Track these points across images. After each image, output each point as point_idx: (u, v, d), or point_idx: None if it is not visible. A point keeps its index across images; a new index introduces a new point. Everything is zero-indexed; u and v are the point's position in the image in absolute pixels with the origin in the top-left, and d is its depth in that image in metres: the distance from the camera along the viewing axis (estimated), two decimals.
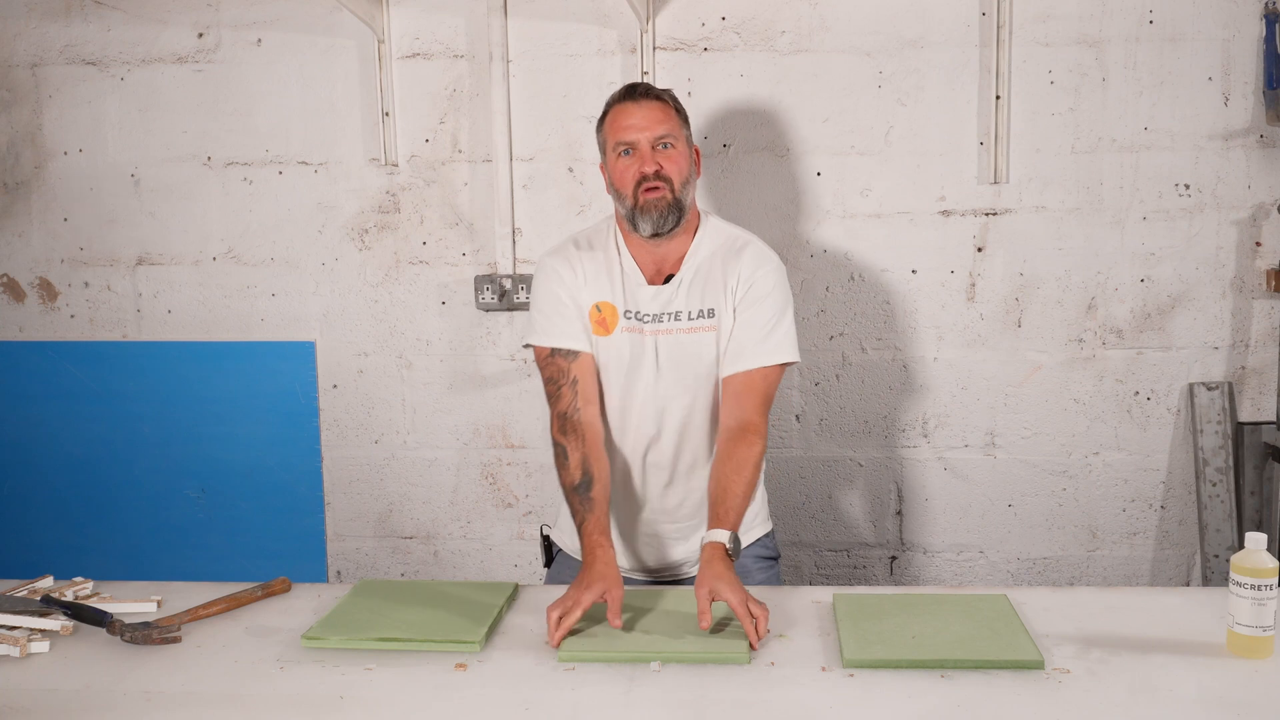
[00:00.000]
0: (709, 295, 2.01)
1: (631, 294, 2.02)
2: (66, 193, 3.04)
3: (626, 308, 2.02)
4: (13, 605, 1.78)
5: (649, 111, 1.98)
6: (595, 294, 2.03)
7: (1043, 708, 1.47)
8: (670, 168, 1.96)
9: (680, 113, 2.04)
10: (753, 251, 2.04)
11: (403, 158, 2.95)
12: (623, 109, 2.00)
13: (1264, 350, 2.84)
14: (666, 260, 2.04)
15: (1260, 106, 2.75)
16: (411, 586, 1.96)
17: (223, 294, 3.03)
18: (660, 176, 1.95)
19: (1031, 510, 2.94)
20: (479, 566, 3.07)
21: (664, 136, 1.98)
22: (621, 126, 1.99)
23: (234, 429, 3.04)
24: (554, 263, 2.07)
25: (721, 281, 2.01)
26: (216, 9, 2.94)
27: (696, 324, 2.00)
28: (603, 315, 2.02)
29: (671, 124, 1.99)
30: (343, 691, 1.55)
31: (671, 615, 1.77)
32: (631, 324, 2.01)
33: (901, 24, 2.80)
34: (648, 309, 2.01)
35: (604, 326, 2.02)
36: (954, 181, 2.84)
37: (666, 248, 2.03)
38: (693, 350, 2.00)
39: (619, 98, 2.02)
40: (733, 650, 1.63)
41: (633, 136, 1.97)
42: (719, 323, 2.00)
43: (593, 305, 2.03)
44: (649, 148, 1.97)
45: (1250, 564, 1.58)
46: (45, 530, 3.11)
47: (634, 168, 1.96)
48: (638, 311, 2.01)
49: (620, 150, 1.99)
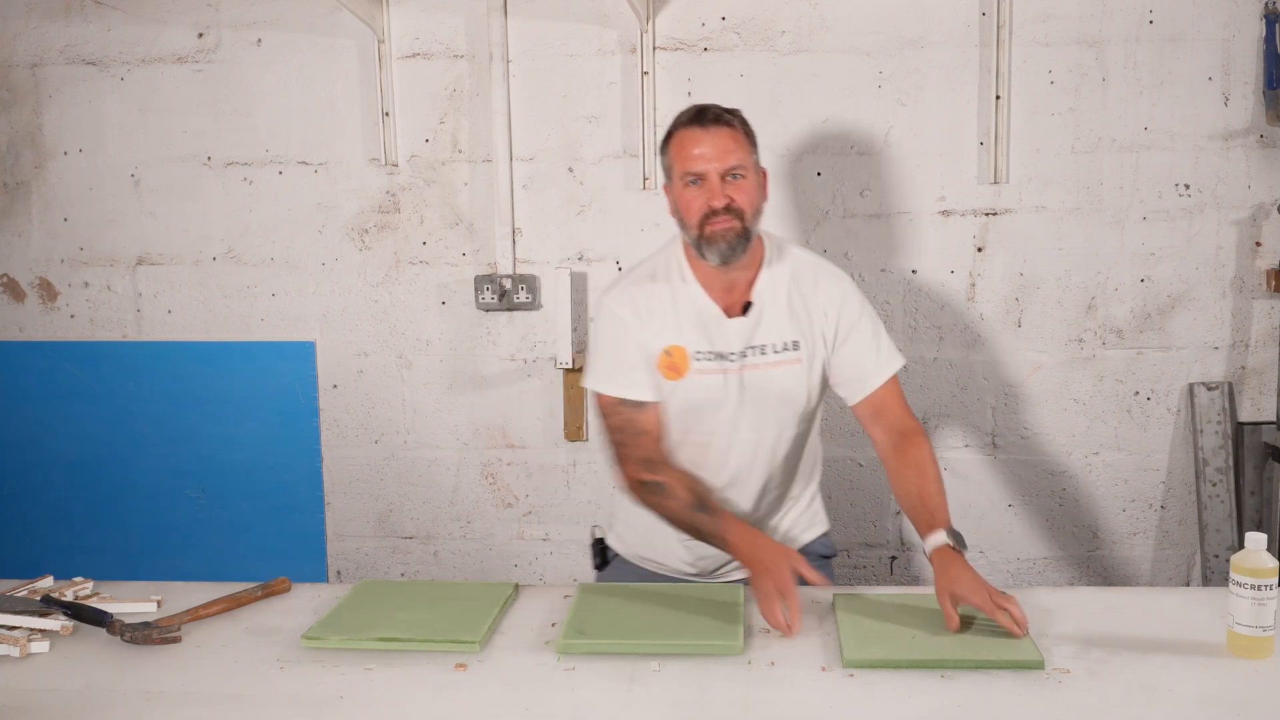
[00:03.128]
0: (792, 327, 1.94)
1: (708, 330, 1.92)
2: (66, 193, 3.04)
3: (700, 347, 1.92)
4: (13, 605, 1.78)
5: (719, 140, 1.86)
6: (663, 337, 1.92)
7: (1043, 708, 1.47)
8: (740, 199, 1.85)
9: (750, 135, 1.92)
10: (825, 276, 1.98)
11: (403, 158, 2.95)
12: (691, 135, 1.87)
13: (1264, 350, 2.84)
14: (737, 287, 1.94)
15: (1260, 106, 2.75)
16: (411, 586, 1.96)
17: (223, 294, 3.03)
18: (730, 210, 1.85)
19: (1031, 510, 2.94)
20: (479, 566, 3.07)
21: (735, 168, 1.86)
22: (689, 155, 1.86)
23: (234, 429, 3.04)
24: (616, 308, 1.95)
25: (805, 312, 1.94)
26: (216, 9, 2.94)
27: (782, 357, 1.93)
28: (673, 360, 1.92)
29: (742, 152, 1.87)
30: (343, 691, 1.55)
31: (672, 611, 1.78)
32: (708, 364, 1.92)
33: (901, 24, 2.80)
34: (731, 345, 1.92)
35: (675, 371, 1.92)
36: (954, 181, 2.84)
37: (736, 274, 1.93)
38: (779, 384, 1.93)
39: (686, 120, 1.89)
40: (726, 641, 1.65)
41: (701, 168, 1.85)
42: (804, 355, 1.94)
43: (662, 350, 1.92)
44: (718, 180, 1.85)
45: (1250, 564, 1.58)
46: (45, 530, 3.11)
47: (702, 199, 1.85)
48: (715, 351, 1.92)
49: (688, 180, 1.87)
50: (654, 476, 1.90)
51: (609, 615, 1.76)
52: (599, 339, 1.98)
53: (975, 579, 1.69)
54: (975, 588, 1.67)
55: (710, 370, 1.92)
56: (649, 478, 1.90)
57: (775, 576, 1.72)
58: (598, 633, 1.69)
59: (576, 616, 1.76)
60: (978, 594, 1.66)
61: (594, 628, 1.71)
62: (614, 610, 1.79)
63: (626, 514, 2.10)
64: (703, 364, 1.92)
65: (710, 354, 1.92)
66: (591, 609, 1.79)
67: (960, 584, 1.68)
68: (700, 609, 1.78)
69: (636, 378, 1.93)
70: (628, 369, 1.93)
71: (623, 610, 1.79)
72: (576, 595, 1.87)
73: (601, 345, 1.97)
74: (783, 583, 1.71)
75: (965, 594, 1.67)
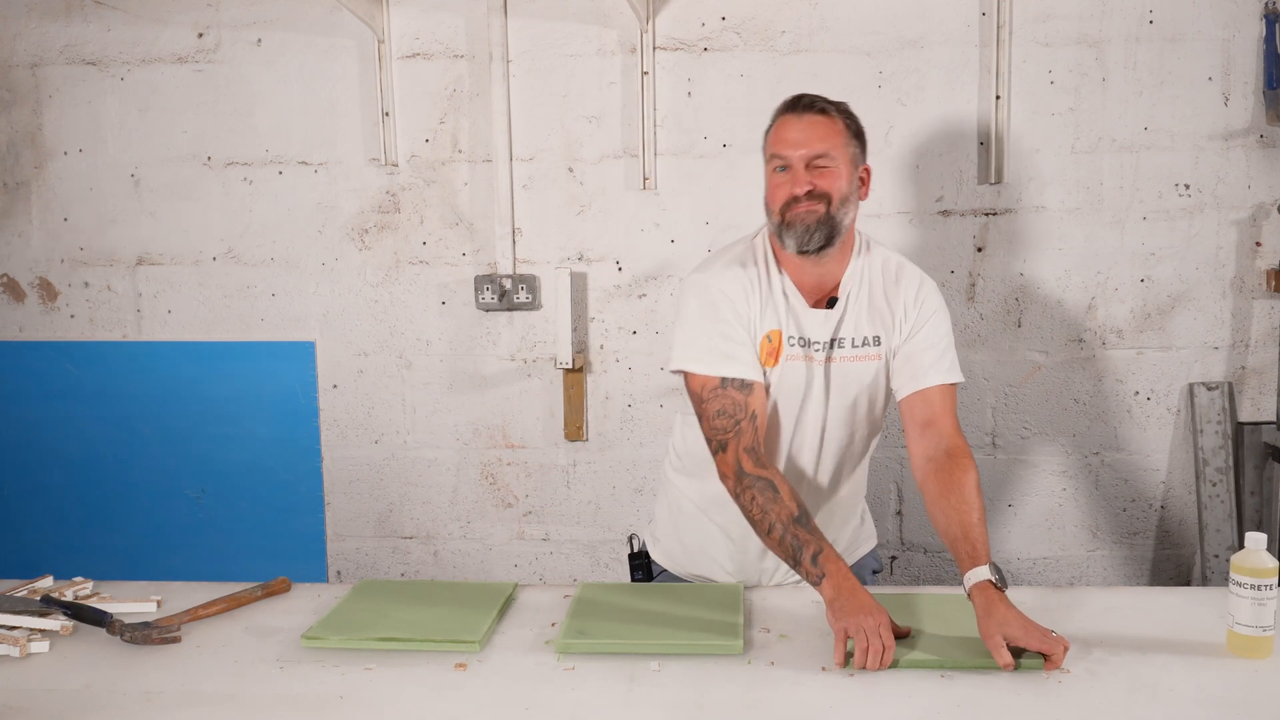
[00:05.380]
0: (874, 322, 1.91)
1: (796, 318, 1.88)
2: (66, 193, 3.04)
3: (790, 333, 1.88)
4: (13, 605, 1.78)
5: (810, 127, 1.83)
6: (766, 321, 1.87)
7: (1043, 708, 1.47)
8: (824, 184, 1.82)
9: (851, 129, 1.88)
10: (909, 274, 1.95)
11: (403, 158, 2.95)
12: (784, 121, 1.86)
13: (1264, 350, 2.84)
14: (825, 282, 1.90)
15: (1260, 106, 2.75)
16: (411, 586, 1.96)
17: (223, 294, 3.03)
18: (813, 195, 1.81)
19: (1031, 510, 2.94)
20: (479, 566, 3.07)
21: (821, 155, 1.82)
22: (779, 139, 1.85)
23: (234, 429, 3.04)
24: (721, 284, 1.87)
25: (886, 309, 1.91)
26: (216, 9, 2.94)
27: (863, 351, 1.90)
28: (773, 345, 1.87)
29: (834, 141, 1.84)
30: (343, 691, 1.55)
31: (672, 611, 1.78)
32: (796, 350, 1.88)
33: (901, 24, 2.80)
34: (816, 335, 1.88)
35: (773, 357, 1.87)
36: (954, 181, 2.84)
37: (825, 268, 1.88)
38: (857, 377, 1.90)
39: (784, 109, 1.88)
40: (726, 641, 1.65)
41: (787, 153, 1.83)
42: (883, 351, 1.91)
43: (765, 334, 1.87)
44: (803, 166, 1.82)
45: (1250, 564, 1.58)
46: (45, 530, 3.11)
47: (785, 186, 1.83)
48: (804, 338, 1.88)
49: (775, 165, 1.85)
50: (763, 472, 1.78)
51: (609, 615, 1.76)
52: (698, 316, 1.86)
53: (1025, 622, 1.59)
54: (1028, 633, 1.57)
55: (797, 357, 1.88)
56: (758, 472, 1.78)
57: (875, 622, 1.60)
58: (598, 633, 1.69)
59: (576, 616, 1.76)
60: (1030, 638, 1.57)
61: (594, 628, 1.71)
62: (614, 610, 1.79)
63: (678, 527, 2.06)
64: (793, 349, 1.88)
65: (799, 340, 1.88)
66: (591, 609, 1.79)
67: (1010, 627, 1.58)
68: (700, 609, 1.78)
69: (744, 356, 1.83)
70: (734, 348, 1.84)
71: (623, 610, 1.79)
72: (576, 595, 1.87)
73: (702, 323, 1.86)
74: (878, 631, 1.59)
75: (1019, 638, 1.57)
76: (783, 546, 1.74)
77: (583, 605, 1.82)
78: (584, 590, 1.90)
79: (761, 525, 1.76)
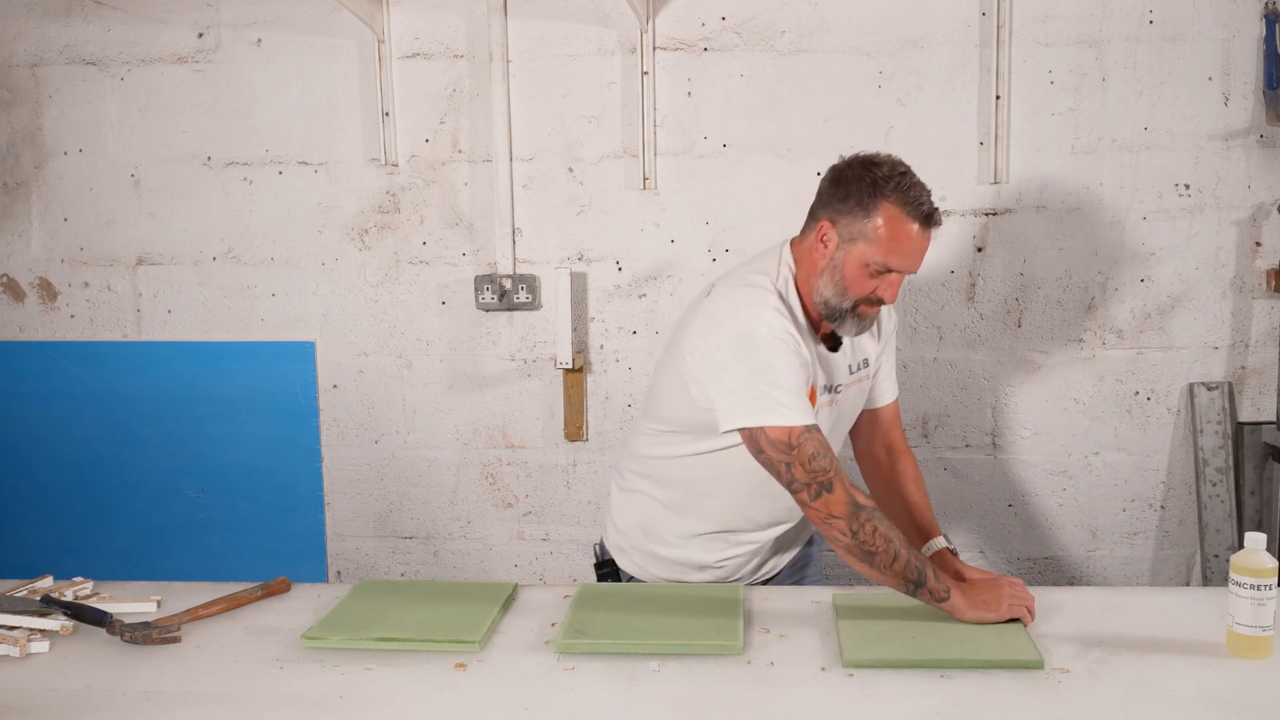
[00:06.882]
0: (860, 346, 2.00)
1: (826, 365, 1.93)
2: (66, 193, 3.04)
3: (821, 383, 1.91)
4: (13, 605, 1.78)
5: (927, 247, 1.84)
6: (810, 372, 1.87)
7: (1042, 708, 1.47)
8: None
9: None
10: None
11: (403, 158, 2.95)
12: (912, 230, 1.81)
13: (1264, 350, 2.84)
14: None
15: (1260, 106, 2.75)
16: (411, 586, 1.96)
17: (223, 294, 3.03)
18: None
19: (1031, 510, 2.94)
20: (479, 566, 3.07)
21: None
22: (900, 247, 1.80)
23: (234, 429, 3.04)
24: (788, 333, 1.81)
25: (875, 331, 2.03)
26: (216, 9, 2.94)
27: (858, 375, 2.01)
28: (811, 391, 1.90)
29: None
30: (343, 691, 1.55)
31: (672, 611, 1.78)
32: (825, 398, 1.93)
33: (901, 24, 2.80)
34: (840, 378, 1.95)
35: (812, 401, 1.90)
36: (954, 181, 2.84)
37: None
38: (854, 400, 2.03)
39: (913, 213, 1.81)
40: (726, 641, 1.65)
41: (904, 266, 1.82)
42: (871, 370, 2.05)
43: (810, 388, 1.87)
44: (900, 279, 1.85)
45: (1250, 564, 1.58)
46: (45, 530, 3.11)
47: (877, 288, 1.83)
48: (829, 384, 1.94)
49: (880, 268, 1.82)
50: (871, 502, 1.78)
51: (609, 615, 1.76)
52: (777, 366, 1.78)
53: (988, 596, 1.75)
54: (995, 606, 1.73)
55: (824, 404, 1.93)
56: (871, 503, 1.77)
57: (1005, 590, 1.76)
58: (598, 633, 1.69)
59: (576, 616, 1.76)
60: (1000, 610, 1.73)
61: (594, 628, 1.71)
62: (614, 610, 1.79)
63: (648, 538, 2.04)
64: (823, 397, 1.93)
65: (825, 388, 1.93)
66: (591, 609, 1.80)
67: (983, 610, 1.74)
68: (700, 609, 1.78)
69: (806, 403, 1.81)
70: (802, 393, 1.80)
71: (623, 610, 1.79)
72: (576, 595, 1.87)
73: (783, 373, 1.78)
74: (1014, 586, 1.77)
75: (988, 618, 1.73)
76: (906, 572, 1.74)
77: (583, 605, 1.82)
78: (584, 590, 1.90)
79: (885, 555, 1.73)
